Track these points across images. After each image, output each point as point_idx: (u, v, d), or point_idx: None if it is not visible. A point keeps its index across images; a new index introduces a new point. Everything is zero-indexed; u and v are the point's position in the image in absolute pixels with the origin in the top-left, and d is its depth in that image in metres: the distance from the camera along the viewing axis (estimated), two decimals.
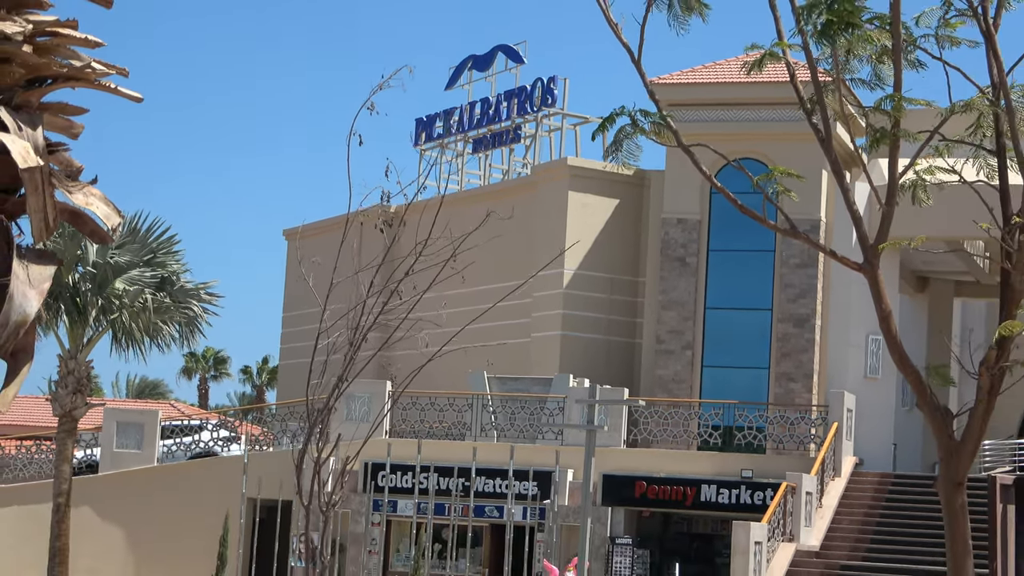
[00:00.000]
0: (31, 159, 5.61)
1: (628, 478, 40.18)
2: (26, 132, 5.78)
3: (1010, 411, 47.39)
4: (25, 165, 5.58)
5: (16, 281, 5.75)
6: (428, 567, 38.45)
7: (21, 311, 5.77)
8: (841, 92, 11.76)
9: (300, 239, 57.49)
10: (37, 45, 5.98)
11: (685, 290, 44.19)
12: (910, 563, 35.12)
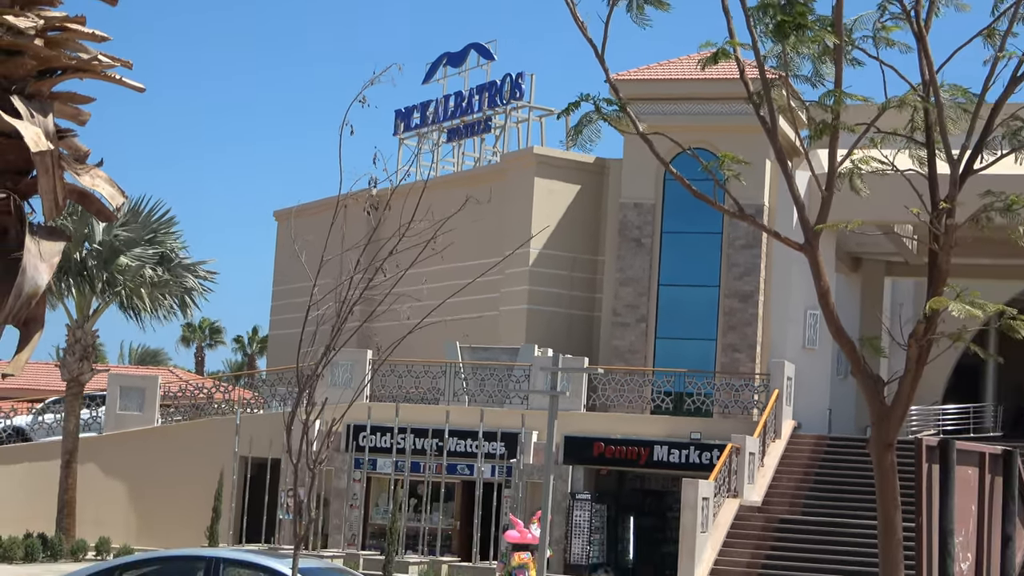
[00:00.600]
0: (42, 144, 5.58)
1: (587, 439, 40.29)
2: (38, 119, 5.75)
3: (935, 380, 47.61)
4: (37, 149, 5.55)
5: (28, 255, 5.72)
6: (404, 520, 38.50)
7: (33, 283, 5.74)
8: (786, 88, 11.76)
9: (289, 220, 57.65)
10: (48, 39, 5.95)
11: (640, 268, 44.27)
12: (843, 517, 35.27)
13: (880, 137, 11.25)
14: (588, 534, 40.31)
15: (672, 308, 44.24)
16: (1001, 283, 41.97)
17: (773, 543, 35.09)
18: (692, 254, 44.07)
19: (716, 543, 34.72)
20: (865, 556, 31.64)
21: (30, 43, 5.14)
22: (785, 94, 11.65)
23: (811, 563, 34.05)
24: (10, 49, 5.14)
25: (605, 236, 46.47)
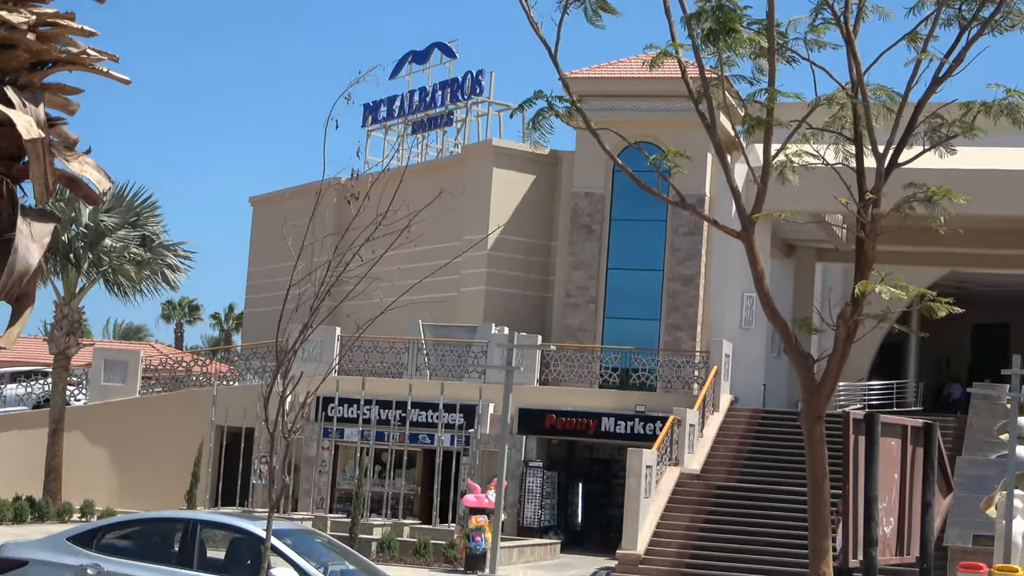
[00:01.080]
0: (34, 131, 5.53)
1: (540, 411, 40.37)
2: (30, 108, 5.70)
3: (861, 358, 47.87)
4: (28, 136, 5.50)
5: (20, 236, 5.68)
6: (369, 485, 38.50)
7: (24, 262, 5.69)
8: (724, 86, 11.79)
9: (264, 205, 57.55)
10: (39, 33, 5.89)
11: (590, 253, 44.32)
12: (776, 484, 35.45)
13: (812, 132, 11.30)
14: (540, 499, 40.45)
15: (619, 290, 44.33)
16: (923, 269, 42.18)
17: (711, 508, 35.25)
18: (638, 240, 44.15)
19: (658, 508, 34.86)
20: (796, 521, 31.80)
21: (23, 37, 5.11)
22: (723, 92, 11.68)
23: (746, 527, 34.22)
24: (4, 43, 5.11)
25: (558, 223, 46.52)
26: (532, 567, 34.94)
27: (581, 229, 44.53)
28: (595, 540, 40.33)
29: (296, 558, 15.85)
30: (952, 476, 31.78)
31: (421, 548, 33.92)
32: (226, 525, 16.86)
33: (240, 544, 16.30)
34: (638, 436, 38.69)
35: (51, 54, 5.93)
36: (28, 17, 5.77)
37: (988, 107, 11.16)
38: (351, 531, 33.75)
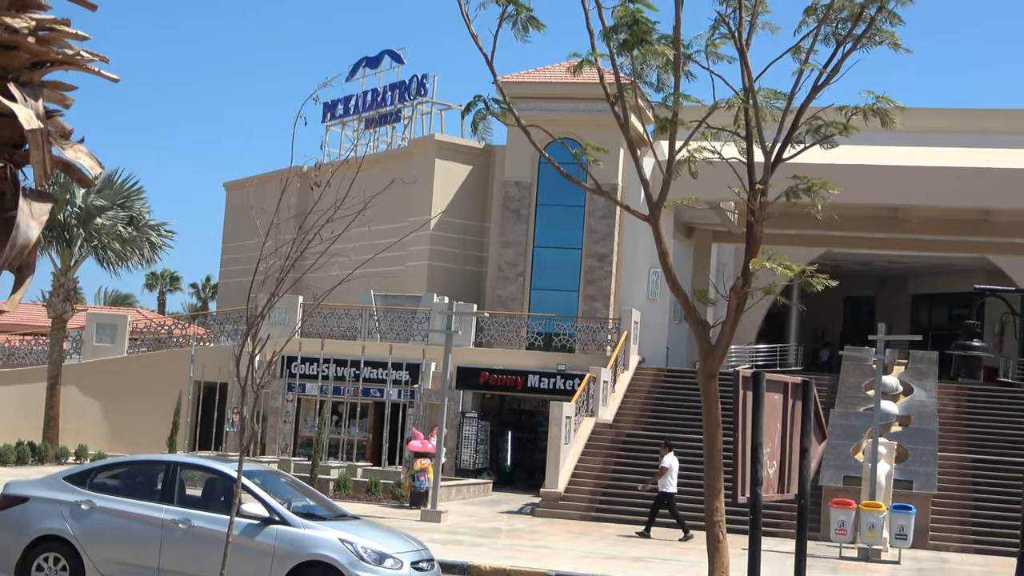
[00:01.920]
0: (34, 123, 5.45)
1: (475, 369, 40.46)
2: (30, 103, 5.61)
3: (750, 325, 48.23)
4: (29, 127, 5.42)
5: (22, 214, 5.59)
6: (327, 433, 38.44)
7: (25, 236, 5.61)
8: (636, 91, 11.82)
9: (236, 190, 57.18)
10: (39, 37, 5.79)
11: (519, 233, 44.38)
12: (676, 432, 35.63)
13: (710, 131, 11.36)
14: (475, 445, 40.61)
15: (544, 265, 44.45)
16: (803, 249, 42.55)
17: (620, 452, 35.47)
18: (560, 223, 44.27)
19: (576, 452, 35.04)
20: (693, 463, 32.03)
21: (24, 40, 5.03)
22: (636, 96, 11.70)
23: (650, 469, 34.41)
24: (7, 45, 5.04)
25: (491, 207, 46.57)
26: (468, 503, 35.05)
27: (511, 213, 44.59)
28: (522, 480, 40.53)
29: (263, 495, 15.82)
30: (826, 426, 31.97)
31: (372, 487, 34.00)
32: (202, 467, 16.79)
33: (215, 483, 16.26)
34: (559, 391, 38.91)
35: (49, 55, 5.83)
36: (29, 22, 5.68)
37: (861, 111, 11.25)
38: (311, 472, 33.71)
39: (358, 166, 13.55)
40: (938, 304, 53.63)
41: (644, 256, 42.17)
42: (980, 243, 46.17)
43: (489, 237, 46.62)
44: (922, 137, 40.51)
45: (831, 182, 11.59)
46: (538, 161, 43.06)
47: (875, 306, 54.38)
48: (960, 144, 42.29)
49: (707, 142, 11.57)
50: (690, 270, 46.70)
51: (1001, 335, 48.34)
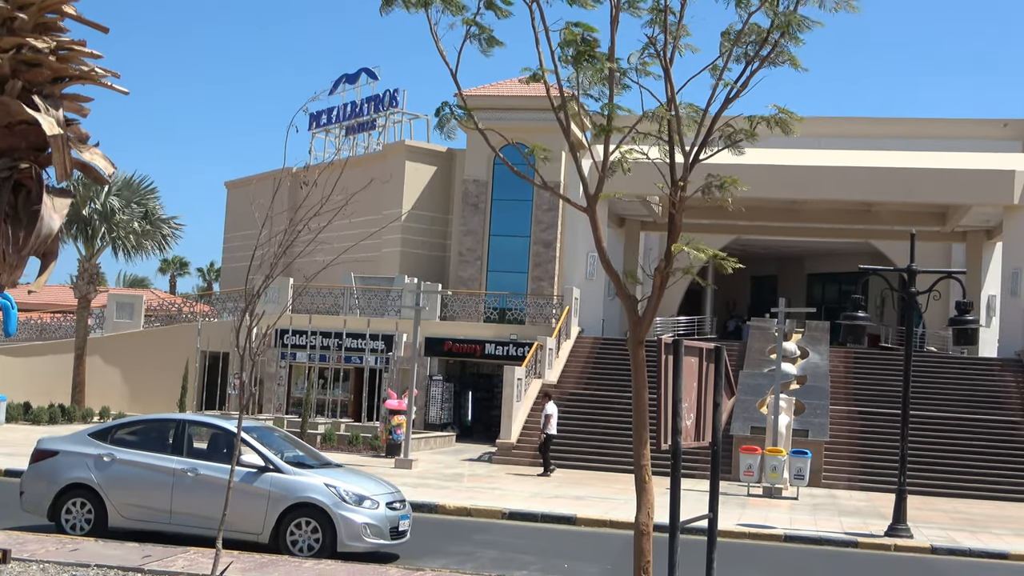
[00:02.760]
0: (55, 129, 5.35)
1: (440, 339, 40.46)
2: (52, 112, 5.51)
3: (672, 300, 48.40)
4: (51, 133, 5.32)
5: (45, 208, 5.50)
6: (315, 394, 38.38)
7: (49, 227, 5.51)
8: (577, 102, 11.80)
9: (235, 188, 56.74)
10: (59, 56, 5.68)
11: (477, 224, 44.36)
12: (610, 391, 35.83)
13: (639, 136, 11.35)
14: (440, 403, 40.64)
15: (499, 251, 44.51)
16: (716, 236, 42.77)
17: (564, 408, 35.53)
18: (512, 214, 44.32)
19: (526, 408, 35.11)
20: (623, 417, 32.21)
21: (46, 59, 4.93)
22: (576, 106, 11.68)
23: (589, 421, 34.57)
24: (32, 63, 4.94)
25: (453, 202, 46.55)
26: (435, 453, 35.07)
27: (470, 207, 44.55)
28: (481, 433, 40.57)
29: (260, 447, 15.76)
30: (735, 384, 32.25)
31: (353, 439, 33.99)
32: (207, 423, 16.70)
33: (218, 437, 16.17)
34: (512, 357, 38.95)
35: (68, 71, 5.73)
36: (50, 43, 5.58)
37: (765, 120, 11.28)
38: (301, 428, 33.65)
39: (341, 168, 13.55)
40: (829, 282, 54.08)
41: (583, 242, 42.22)
42: (864, 230, 46.62)
43: (451, 227, 46.59)
44: (816, 141, 40.85)
45: (740, 180, 11.61)
46: (493, 162, 43.06)
47: (777, 284, 54.74)
48: (847, 147, 42.68)
49: (636, 145, 11.55)
50: (622, 254, 46.83)
51: (882, 307, 48.82)
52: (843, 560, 19.00)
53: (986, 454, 32.50)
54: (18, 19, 5.70)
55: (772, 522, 22.30)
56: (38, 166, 5.60)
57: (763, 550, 19.47)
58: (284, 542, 15.21)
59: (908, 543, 20.49)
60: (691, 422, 12.96)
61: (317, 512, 15.23)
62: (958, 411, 34.80)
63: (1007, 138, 43.76)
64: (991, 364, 38.84)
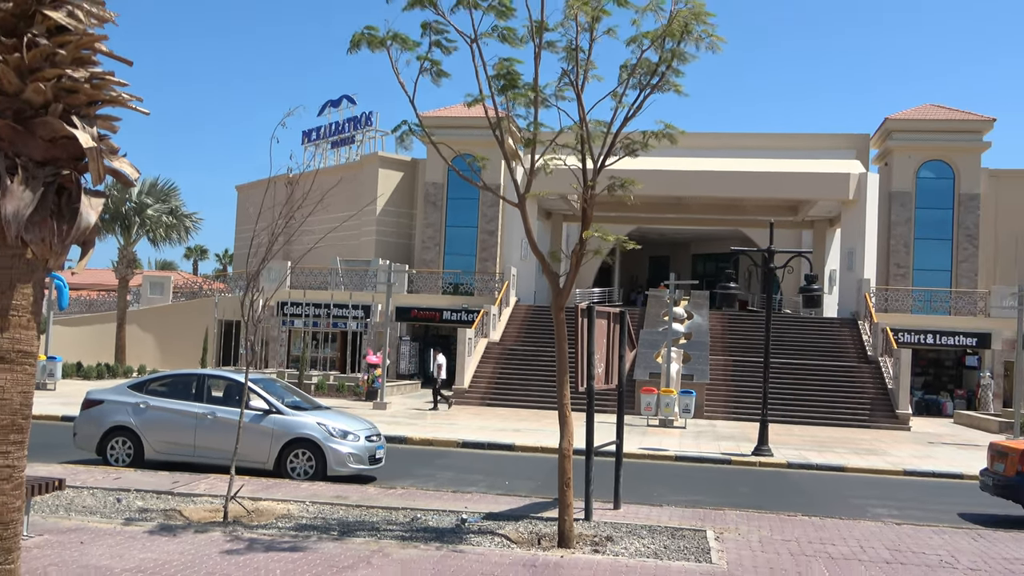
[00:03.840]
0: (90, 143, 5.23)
1: (408, 308, 40.31)
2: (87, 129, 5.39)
3: (587, 275, 48.52)
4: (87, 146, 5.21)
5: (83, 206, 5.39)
6: (309, 352, 38.13)
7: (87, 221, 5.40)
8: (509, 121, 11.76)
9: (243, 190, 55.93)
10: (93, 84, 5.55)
11: (436, 218, 44.13)
12: (540, 347, 35.97)
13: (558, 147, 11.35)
14: (408, 358, 40.59)
15: (453, 239, 44.28)
16: (620, 225, 43.00)
17: (505, 361, 35.66)
18: (463, 210, 44.10)
19: (475, 361, 35.15)
20: (550, 366, 32.41)
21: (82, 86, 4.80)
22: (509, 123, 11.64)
23: (523, 371, 34.68)
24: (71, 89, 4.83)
25: (417, 200, 46.20)
26: (404, 397, 34.98)
27: (430, 204, 44.29)
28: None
29: (265, 394, 15.63)
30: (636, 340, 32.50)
31: (340, 387, 33.83)
32: (223, 376, 16.52)
33: (232, 388, 16.01)
34: (464, 321, 38.93)
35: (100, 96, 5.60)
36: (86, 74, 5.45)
37: (656, 134, 11.33)
38: (299, 379, 33.45)
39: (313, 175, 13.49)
40: (709, 260, 54.60)
41: (518, 231, 42.21)
42: (734, 220, 47.12)
43: (416, 220, 46.28)
44: (697, 150, 41.10)
45: (637, 181, 11.66)
46: (447, 169, 42.77)
47: (668, 262, 55.19)
48: (721, 155, 43.01)
49: (556, 155, 11.55)
50: (548, 240, 46.95)
51: (749, 279, 49.42)
52: (720, 473, 19.28)
53: (830, 391, 33.12)
54: (59, 54, 5.57)
55: (665, 446, 22.55)
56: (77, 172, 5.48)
57: (659, 467, 19.69)
58: (285, 469, 15.13)
59: (769, 460, 20.85)
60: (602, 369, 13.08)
61: (311, 445, 15.16)
62: (808, 358, 35.41)
63: (844, 148, 44.34)
64: (832, 322, 39.52)
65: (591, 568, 9.77)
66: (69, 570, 8.81)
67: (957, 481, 19.47)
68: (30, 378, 5.42)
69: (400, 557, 9.85)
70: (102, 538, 10.14)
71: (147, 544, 9.96)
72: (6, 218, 5.18)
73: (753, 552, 10.97)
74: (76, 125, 5.28)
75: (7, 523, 5.33)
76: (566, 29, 10.74)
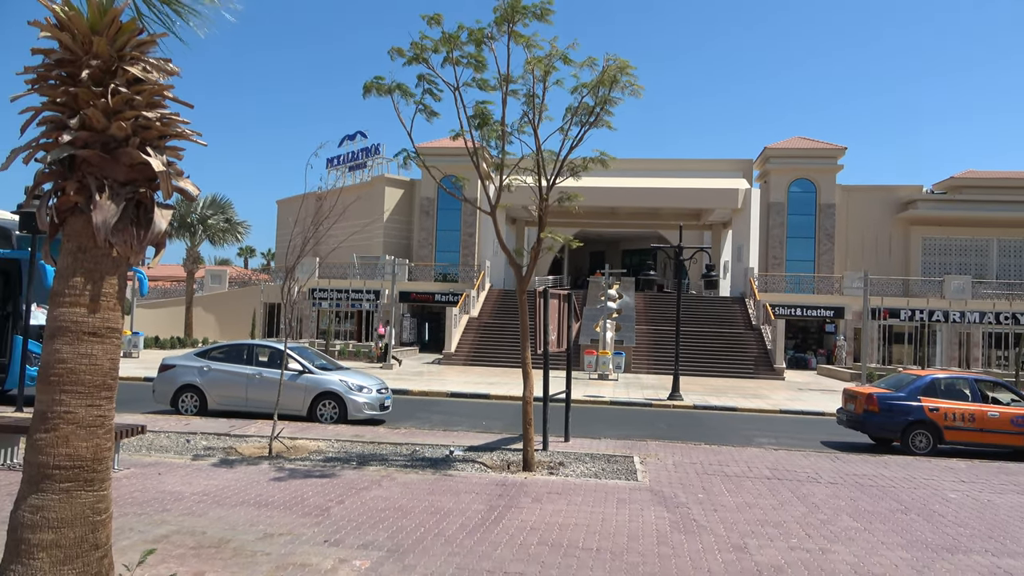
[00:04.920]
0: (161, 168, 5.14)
1: (408, 292, 39.99)
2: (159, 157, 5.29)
3: (544, 265, 48.38)
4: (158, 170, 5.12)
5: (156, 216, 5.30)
6: (333, 327, 37.79)
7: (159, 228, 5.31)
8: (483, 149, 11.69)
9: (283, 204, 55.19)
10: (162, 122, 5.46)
11: (429, 224, 43.87)
12: (509, 320, 35.88)
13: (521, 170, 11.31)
14: (409, 330, 40.25)
15: (443, 240, 44.03)
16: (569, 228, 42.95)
17: (483, 332, 35.57)
18: (450, 218, 43.86)
19: (460, 332, 35.01)
20: (515, 336, 32.39)
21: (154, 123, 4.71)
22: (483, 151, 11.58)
23: (496, 339, 34.59)
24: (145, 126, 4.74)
25: (415, 211, 45.86)
26: (407, 359, 34.78)
27: (424, 213, 44.01)
28: (433, 347, 40.36)
29: (299, 359, 15.50)
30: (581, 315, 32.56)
31: (357, 353, 33.62)
32: (267, 346, 16.34)
33: (275, 354, 15.84)
34: (451, 302, 38.72)
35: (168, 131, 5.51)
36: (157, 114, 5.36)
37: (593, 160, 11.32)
38: (325, 347, 33.18)
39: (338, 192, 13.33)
40: (635, 255, 54.85)
41: (491, 234, 42.05)
42: (654, 223, 47.30)
43: (414, 226, 45.94)
44: (625, 171, 41.19)
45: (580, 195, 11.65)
46: (437, 187, 42.48)
47: (604, 256, 55.35)
48: (644, 174, 43.13)
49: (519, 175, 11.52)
50: (513, 240, 46.83)
51: (665, 268, 49.71)
52: (644, 414, 19.43)
53: (725, 351, 33.43)
54: (136, 100, 5.48)
55: (603, 394, 22.66)
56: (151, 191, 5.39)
57: (598, 410, 19.79)
58: (315, 415, 15.03)
59: (680, 403, 21.01)
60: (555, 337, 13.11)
61: (335, 397, 15.06)
62: (708, 327, 35.70)
63: (735, 169, 44.65)
64: (726, 300, 39.88)
65: (548, 486, 9.84)
66: (150, 495, 8.71)
67: (820, 417, 19.77)
68: (116, 348, 5.35)
69: (403, 480, 9.85)
70: (175, 470, 10.03)
71: (210, 474, 9.87)
72: (96, 226, 5.13)
73: (668, 472, 11.09)
74: (150, 154, 5.20)
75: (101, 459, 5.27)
76: (526, 80, 10.71)
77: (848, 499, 9.77)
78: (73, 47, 5.28)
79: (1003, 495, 10.45)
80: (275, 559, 6.63)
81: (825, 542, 7.79)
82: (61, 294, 5.17)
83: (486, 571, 6.50)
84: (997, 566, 7.30)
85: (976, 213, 40.66)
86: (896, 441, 14.48)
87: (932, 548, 7.75)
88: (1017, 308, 36.13)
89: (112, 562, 5.37)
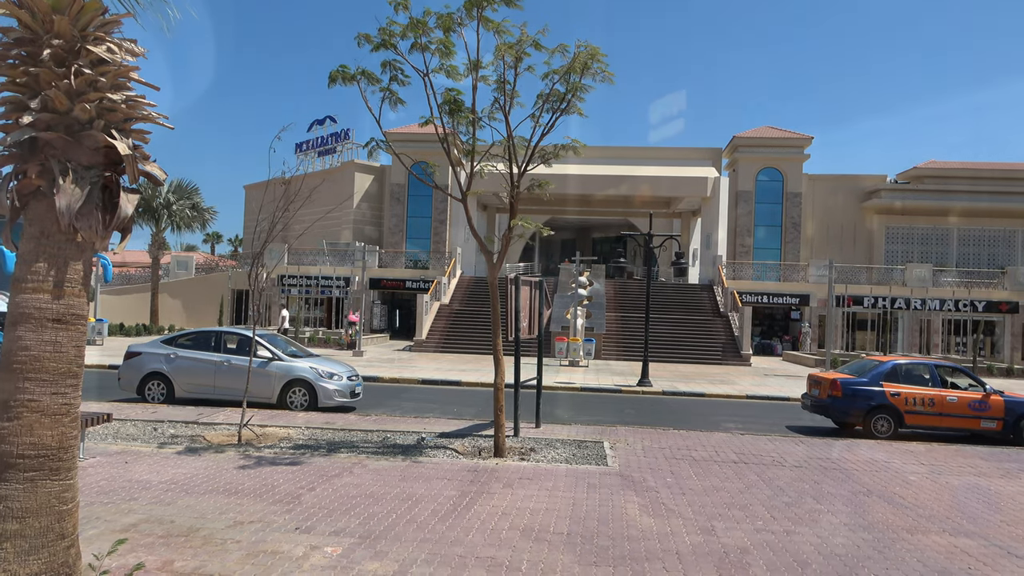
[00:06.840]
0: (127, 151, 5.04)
1: (379, 279, 39.78)
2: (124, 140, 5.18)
3: (515, 253, 48.37)
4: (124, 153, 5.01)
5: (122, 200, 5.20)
6: (302, 313, 37.36)
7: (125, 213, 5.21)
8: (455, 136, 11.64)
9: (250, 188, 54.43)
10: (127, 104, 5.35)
11: (400, 211, 43.60)
12: (480, 307, 35.87)
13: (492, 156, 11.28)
14: (380, 317, 40.09)
15: (413, 227, 43.81)
16: (540, 215, 43.04)
17: (453, 319, 35.52)
18: (421, 204, 43.63)
19: (431, 319, 34.93)
20: (487, 323, 32.40)
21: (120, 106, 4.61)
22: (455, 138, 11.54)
23: (468, 326, 34.56)
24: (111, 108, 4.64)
25: (385, 197, 45.54)
26: (377, 346, 34.64)
27: (395, 200, 43.73)
28: (403, 334, 40.27)
29: (268, 346, 15.33)
30: (552, 302, 32.67)
31: (327, 340, 33.35)
32: (235, 333, 16.15)
33: (243, 341, 15.66)
34: (422, 289, 38.61)
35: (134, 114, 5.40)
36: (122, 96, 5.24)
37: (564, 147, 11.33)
38: (296, 335, 32.88)
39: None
40: (606, 242, 55.12)
41: (462, 220, 41.94)
42: (624, 211, 47.56)
43: (384, 212, 45.64)
44: (596, 159, 41.31)
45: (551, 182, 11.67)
46: (407, 173, 42.20)
47: (576, 244, 55.55)
48: (614, 162, 43.28)
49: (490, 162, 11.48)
50: (485, 227, 46.75)
51: (635, 256, 50.05)
52: (614, 400, 19.59)
53: (693, 338, 33.81)
54: (100, 81, 5.36)
55: (574, 380, 22.78)
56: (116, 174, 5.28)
57: (569, 396, 19.91)
58: (286, 403, 14.91)
59: (649, 389, 21.22)
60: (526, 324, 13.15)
61: (305, 384, 14.96)
62: (677, 314, 36.06)
63: (704, 158, 45.01)
64: (695, 287, 40.29)
65: (519, 471, 9.90)
66: (117, 484, 8.60)
67: (785, 403, 20.12)
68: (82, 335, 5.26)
69: (374, 467, 9.84)
70: (143, 458, 9.90)
71: (178, 462, 9.76)
72: (60, 210, 5.02)
73: (638, 457, 11.23)
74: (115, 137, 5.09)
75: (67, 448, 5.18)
76: (496, 66, 10.67)
77: (812, 482, 9.99)
78: (33, 25, 5.15)
79: (960, 477, 10.77)
80: (246, 547, 6.60)
81: (790, 524, 7.97)
82: (23, 280, 5.06)
83: (458, 556, 6.54)
84: (954, 545, 7.53)
85: (937, 203, 41.56)
86: (859, 425, 14.81)
87: (893, 529, 7.97)
88: (975, 296, 37.08)
89: (79, 552, 5.30)
